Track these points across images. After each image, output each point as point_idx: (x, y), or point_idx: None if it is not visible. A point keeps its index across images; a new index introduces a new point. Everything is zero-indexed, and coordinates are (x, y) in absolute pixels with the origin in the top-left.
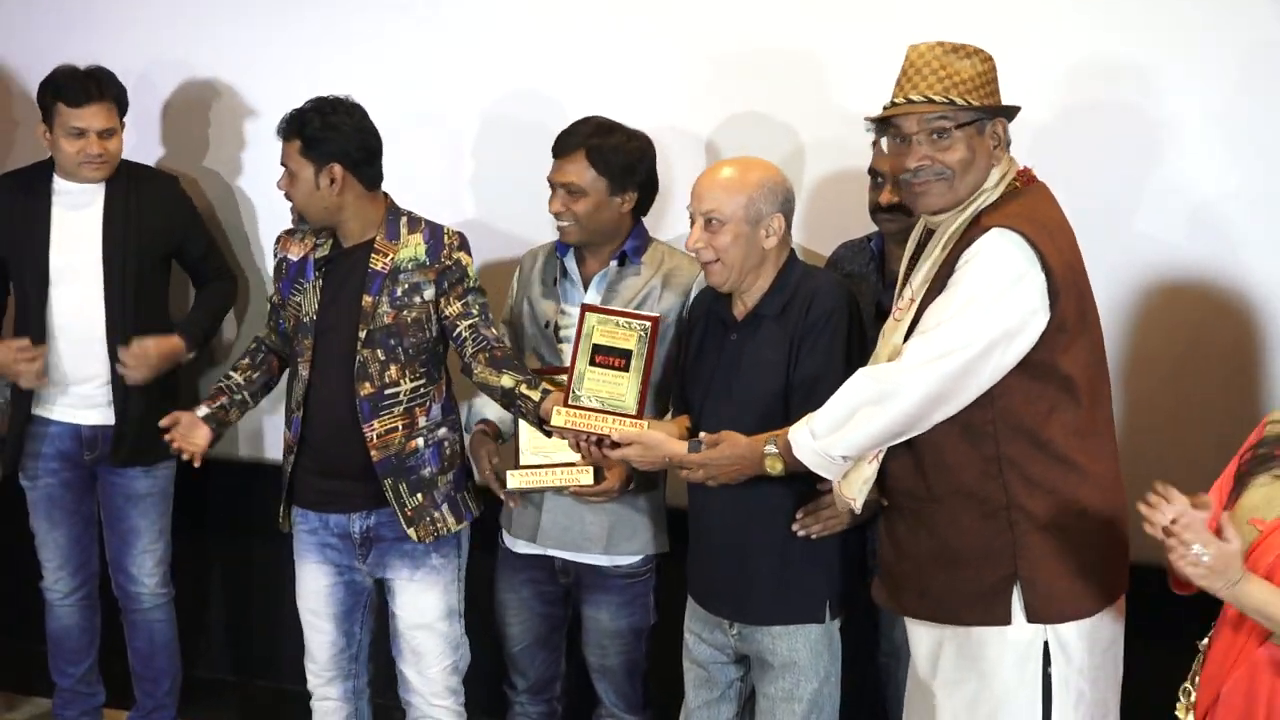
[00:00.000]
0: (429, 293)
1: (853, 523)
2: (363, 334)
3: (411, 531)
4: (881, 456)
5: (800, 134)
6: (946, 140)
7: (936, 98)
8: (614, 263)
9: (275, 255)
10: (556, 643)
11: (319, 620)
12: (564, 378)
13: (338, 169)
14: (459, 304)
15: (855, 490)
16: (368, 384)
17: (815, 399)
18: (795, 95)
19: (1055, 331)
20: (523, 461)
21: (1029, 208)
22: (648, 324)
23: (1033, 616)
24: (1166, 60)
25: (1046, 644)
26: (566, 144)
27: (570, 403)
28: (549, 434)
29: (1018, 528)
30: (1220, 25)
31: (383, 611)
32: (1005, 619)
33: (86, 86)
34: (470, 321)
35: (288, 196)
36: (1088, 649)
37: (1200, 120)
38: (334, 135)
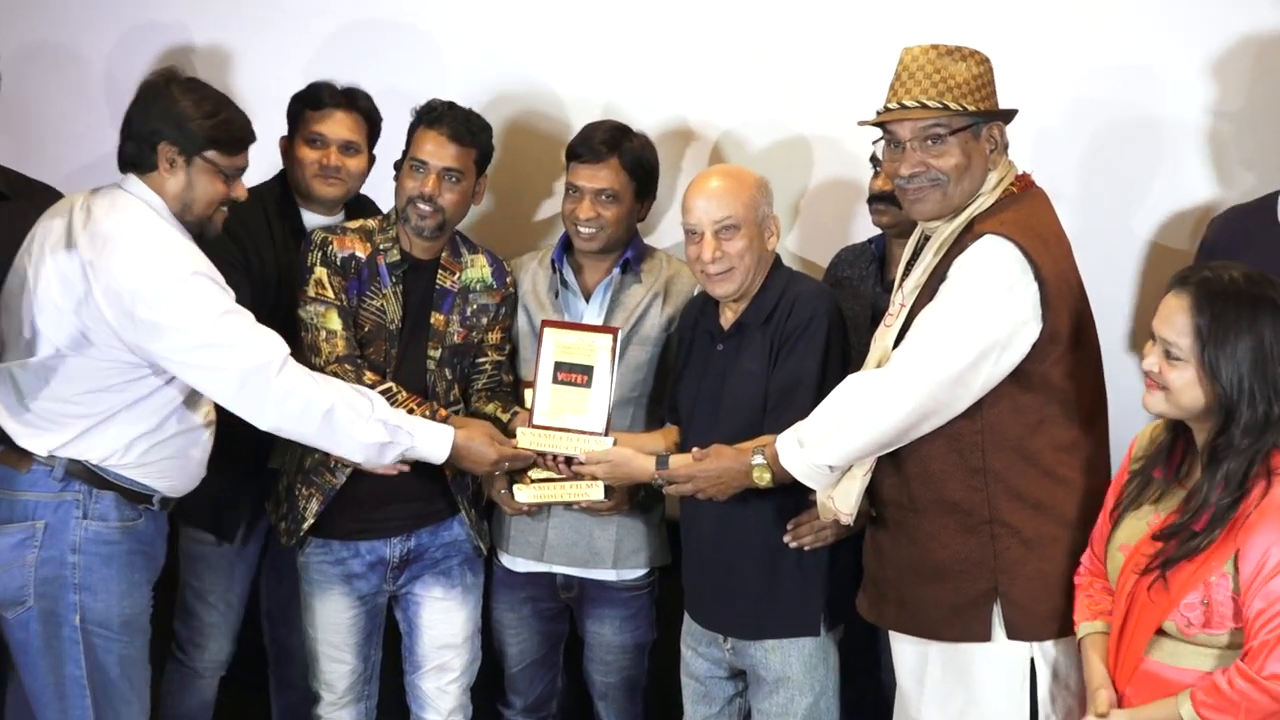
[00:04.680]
0: (493, 315)
1: (846, 533)
2: (436, 353)
3: (482, 545)
4: (872, 468)
5: (809, 138)
6: (940, 146)
7: (930, 103)
8: (617, 271)
9: (329, 252)
10: (555, 660)
11: (340, 652)
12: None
13: (484, 183)
14: (499, 335)
15: (850, 504)
16: (434, 402)
17: (789, 406)
18: (804, 99)
19: (1047, 343)
20: (531, 475)
21: (1024, 215)
22: (609, 337)
23: (1013, 633)
24: (1175, 61)
25: (1033, 661)
26: (597, 148)
27: (535, 422)
28: None
29: (1000, 541)
30: (1230, 25)
31: (389, 626)
32: (985, 635)
33: (334, 93)
34: (499, 358)
35: (430, 200)
36: (1076, 666)
37: (1209, 123)
38: (492, 150)
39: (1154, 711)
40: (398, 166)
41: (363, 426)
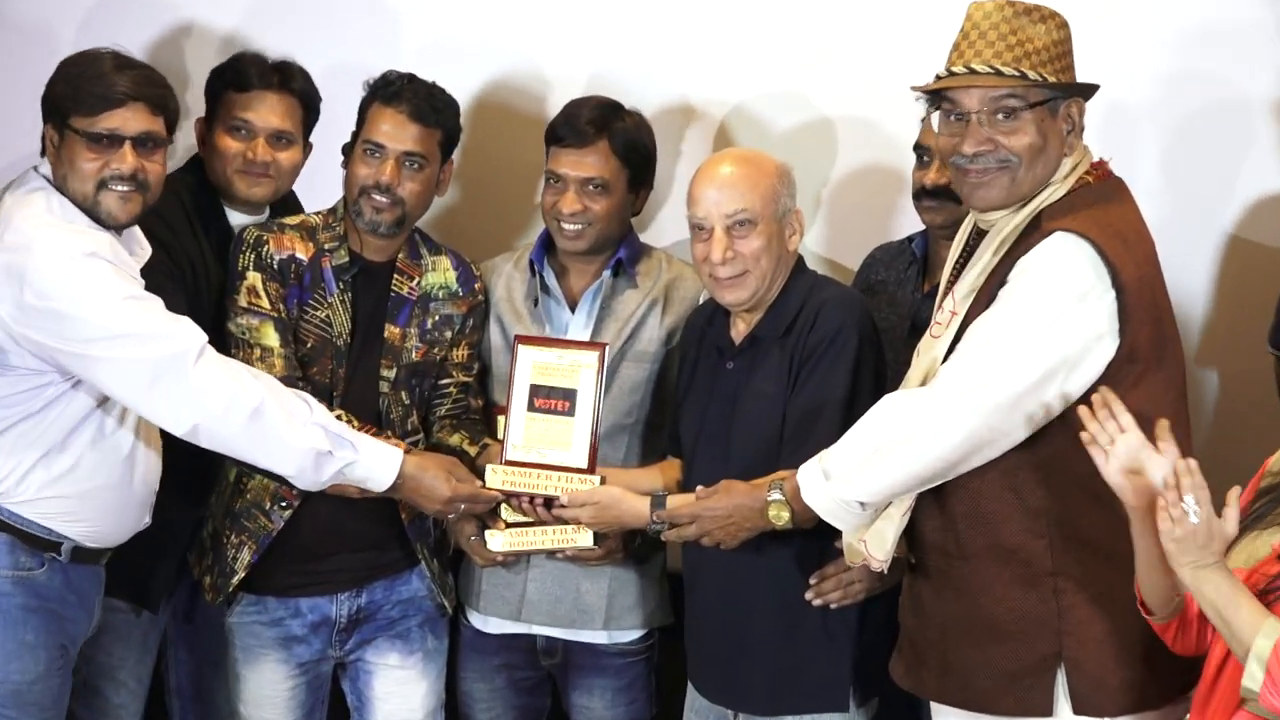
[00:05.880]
0: (459, 328)
1: (880, 587)
2: (390, 373)
3: (446, 602)
4: (911, 506)
5: (834, 117)
6: (1013, 122)
7: (1005, 69)
8: (607, 275)
9: (265, 254)
10: None
11: None
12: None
13: (449, 170)
14: (466, 352)
15: (885, 549)
16: (390, 432)
17: (811, 435)
18: (829, 69)
19: (1124, 362)
20: (505, 519)
21: (1102, 209)
22: (595, 354)
23: (1080, 707)
24: (1270, 26)
25: None
26: (583, 130)
27: (507, 458)
28: None
29: (1064, 597)
30: None
31: (335, 700)
32: (1046, 708)
33: (263, 70)
34: (465, 380)
35: (387, 190)
36: None
37: None
38: (459, 132)
39: (1243, 614)
40: (347, 151)
41: (298, 429)
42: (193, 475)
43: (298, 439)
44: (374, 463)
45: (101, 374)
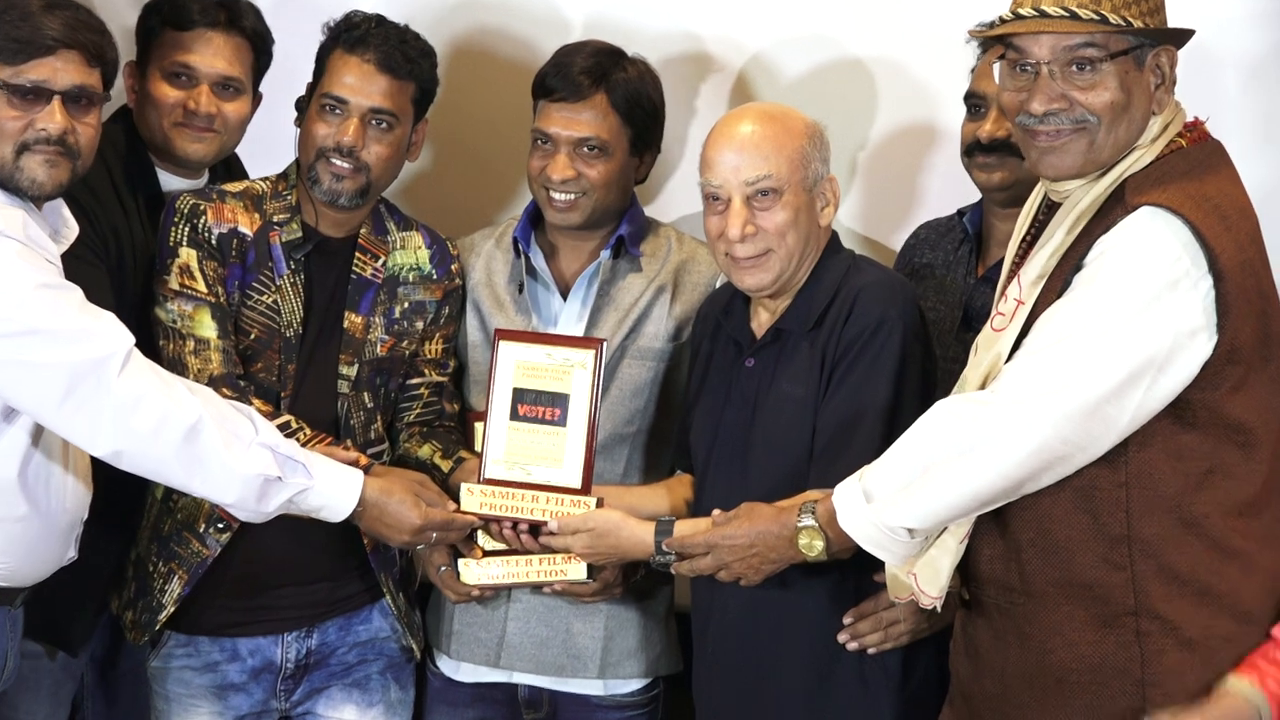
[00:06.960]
0: (432, 317)
1: (928, 628)
2: (351, 370)
3: (414, 644)
4: (969, 533)
5: (871, 63)
6: (1092, 75)
7: (1082, 11)
8: (606, 255)
9: (201, 226)
10: None
11: None
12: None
13: (423, 130)
14: (441, 346)
15: (938, 585)
16: (349, 442)
17: (847, 449)
18: (864, 8)
19: (1223, 362)
20: (483, 546)
21: (1197, 179)
22: (590, 353)
23: None
24: None
25: None
26: (576, 81)
27: (486, 476)
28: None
29: (1149, 641)
30: None
31: None
32: None
33: (206, 5)
34: (439, 379)
35: (350, 153)
36: None
37: None
38: (436, 85)
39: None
40: (303, 106)
41: (241, 452)
42: (122, 493)
43: (241, 464)
44: (330, 489)
45: (4, 381)
